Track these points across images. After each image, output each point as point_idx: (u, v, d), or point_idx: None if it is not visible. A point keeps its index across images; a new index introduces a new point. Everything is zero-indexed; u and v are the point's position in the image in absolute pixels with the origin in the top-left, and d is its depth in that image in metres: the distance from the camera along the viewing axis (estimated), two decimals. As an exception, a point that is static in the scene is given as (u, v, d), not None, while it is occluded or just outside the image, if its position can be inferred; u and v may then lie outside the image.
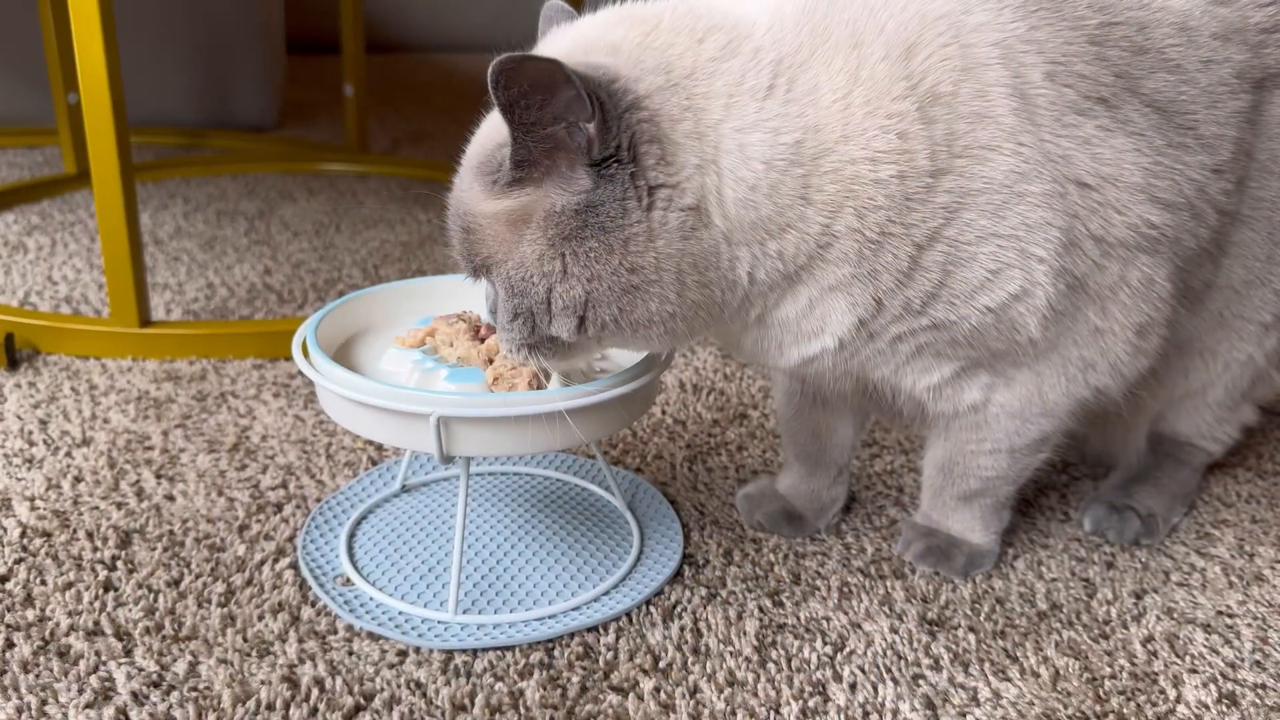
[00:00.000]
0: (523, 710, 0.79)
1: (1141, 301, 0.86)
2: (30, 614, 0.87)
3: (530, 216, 0.75)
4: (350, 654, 0.85)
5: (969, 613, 0.92)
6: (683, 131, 0.75)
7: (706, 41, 0.77)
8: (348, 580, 0.93)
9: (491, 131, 0.79)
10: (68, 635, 0.85)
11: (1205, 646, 0.89)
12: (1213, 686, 0.84)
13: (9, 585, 0.91)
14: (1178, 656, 0.88)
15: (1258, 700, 0.83)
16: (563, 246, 0.75)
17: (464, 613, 0.89)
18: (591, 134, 0.72)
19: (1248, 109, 0.88)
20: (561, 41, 0.80)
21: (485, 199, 0.77)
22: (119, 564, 0.94)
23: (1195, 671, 0.86)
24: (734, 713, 0.80)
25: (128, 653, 0.84)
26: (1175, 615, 0.93)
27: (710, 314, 0.80)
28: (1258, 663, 0.88)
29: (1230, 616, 0.93)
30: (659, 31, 0.77)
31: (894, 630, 0.90)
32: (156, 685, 0.80)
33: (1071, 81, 0.80)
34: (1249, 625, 0.92)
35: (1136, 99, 0.82)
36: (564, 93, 0.70)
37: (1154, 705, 0.82)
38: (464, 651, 0.85)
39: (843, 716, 0.80)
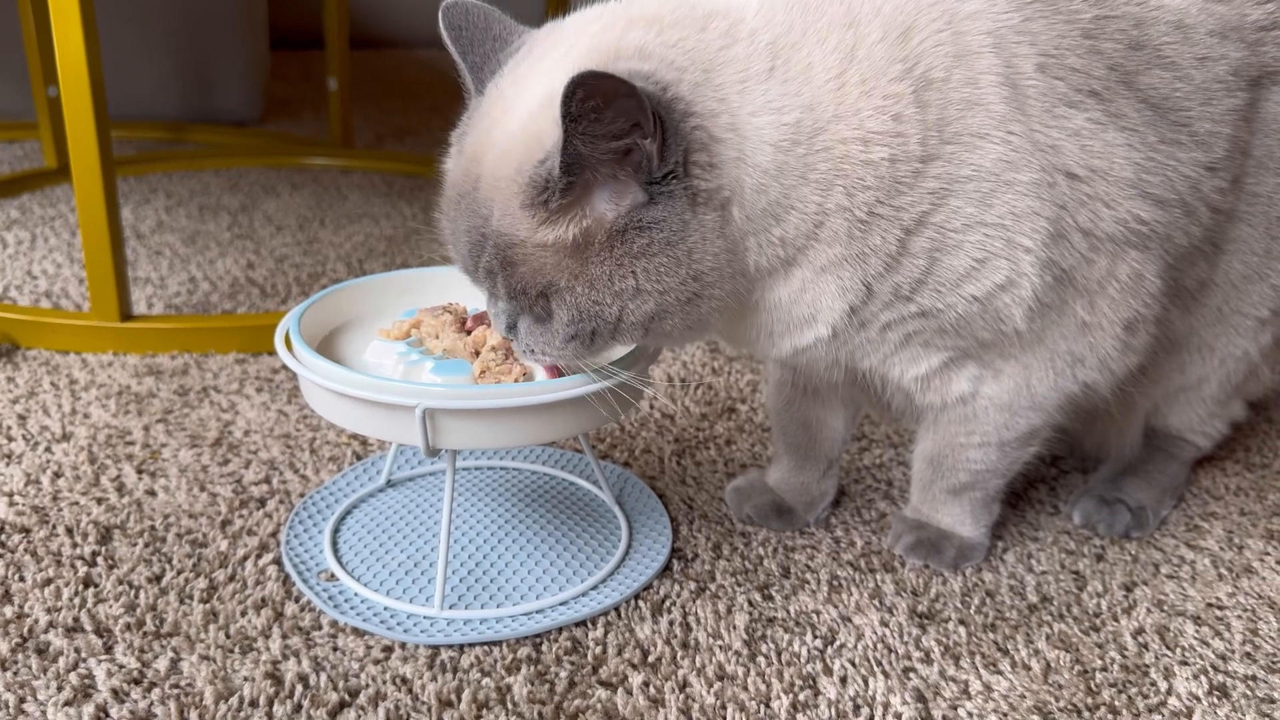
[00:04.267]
0: (510, 706, 0.78)
1: (1130, 297, 0.86)
2: (8, 610, 0.86)
3: (592, 240, 0.73)
4: (335, 650, 0.83)
5: (959, 606, 0.92)
6: (722, 126, 0.74)
7: (709, 30, 0.76)
8: (332, 576, 0.92)
9: (521, 151, 0.74)
10: (46, 632, 0.84)
11: (1196, 638, 0.89)
12: (1204, 678, 0.84)
13: (-14, 582, 0.90)
14: (1168, 649, 0.88)
15: (1248, 692, 0.83)
16: (633, 265, 0.73)
17: (450, 608, 0.88)
18: (650, 151, 0.71)
19: (1244, 106, 0.88)
20: (576, 51, 0.76)
21: (537, 228, 0.74)
22: (99, 560, 0.93)
23: (1186, 664, 0.86)
24: (724, 707, 0.79)
25: (108, 649, 0.82)
26: (1165, 607, 0.93)
27: (736, 300, 0.80)
28: (1248, 654, 0.87)
29: (1220, 608, 0.93)
30: (668, 29, 0.76)
31: (884, 623, 0.89)
32: (137, 682, 0.79)
33: (1063, 74, 0.79)
34: (1239, 617, 0.92)
35: (1130, 94, 0.82)
36: (629, 106, 0.68)
37: (1145, 697, 0.82)
38: (450, 647, 0.84)
39: (834, 710, 0.79)
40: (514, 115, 0.76)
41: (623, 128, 0.69)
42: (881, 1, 0.77)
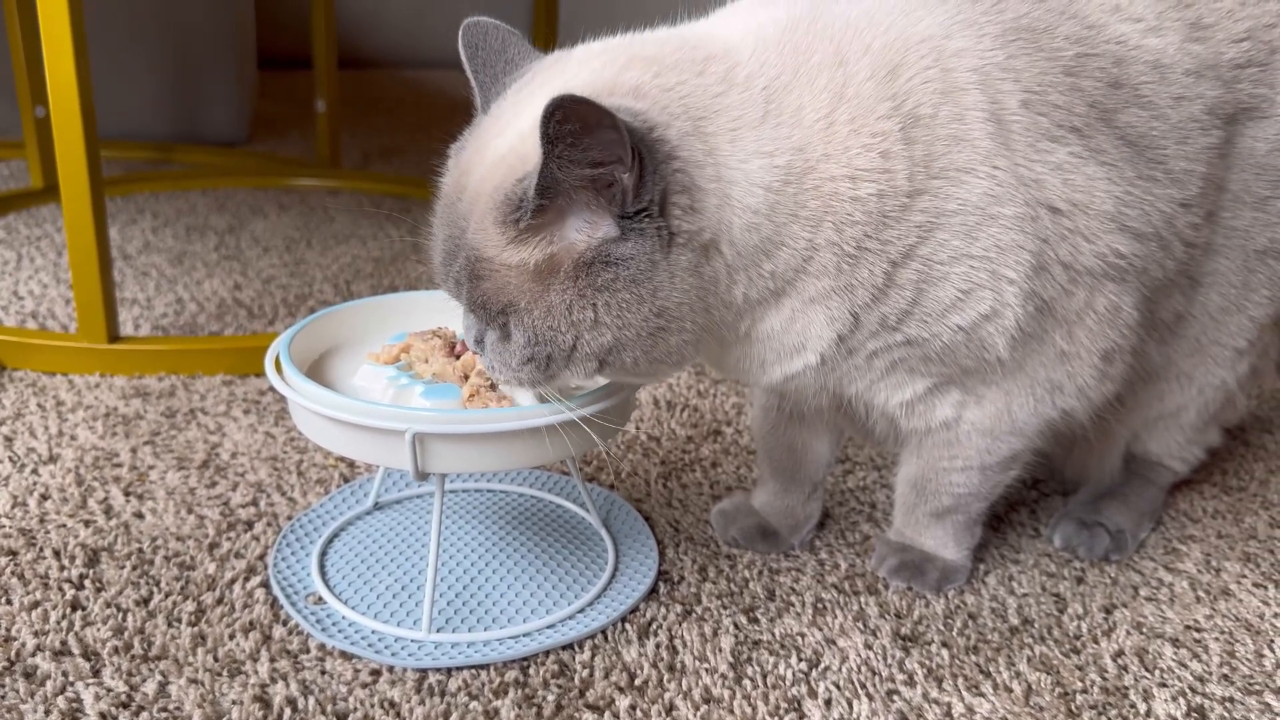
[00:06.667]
0: (498, 729, 0.79)
1: (1107, 328, 0.87)
2: (-5, 634, 0.86)
3: (558, 267, 0.74)
4: (323, 673, 0.84)
5: (942, 628, 0.93)
6: (707, 177, 0.75)
7: (706, 74, 0.77)
8: (320, 599, 0.92)
9: (504, 169, 0.76)
10: (34, 655, 0.84)
11: (1174, 660, 0.90)
12: (1182, 700, 0.85)
13: (-27, 605, 0.89)
14: (1147, 671, 0.89)
15: (1226, 714, 0.84)
16: (595, 297, 0.74)
17: (438, 631, 0.89)
18: (627, 185, 0.72)
19: (1219, 144, 0.90)
20: (574, 83, 0.77)
21: (505, 246, 0.75)
22: (87, 583, 0.93)
23: (1165, 685, 0.87)
24: (710, 730, 0.80)
25: (96, 673, 0.82)
26: (1144, 630, 0.94)
27: (711, 333, 0.81)
28: (1225, 676, 0.89)
29: (1198, 631, 0.95)
30: (666, 71, 0.77)
31: (868, 646, 0.90)
32: (125, 706, 0.79)
33: (1046, 110, 0.81)
34: (1216, 639, 0.93)
35: (1109, 130, 0.84)
36: (610, 137, 0.69)
37: (1125, 719, 0.83)
38: (438, 670, 0.85)
39: (818, 733, 0.80)
40: (505, 135, 0.78)
41: (601, 157, 0.70)
42: (870, 39, 0.79)
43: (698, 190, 0.75)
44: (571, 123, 0.68)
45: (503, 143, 0.78)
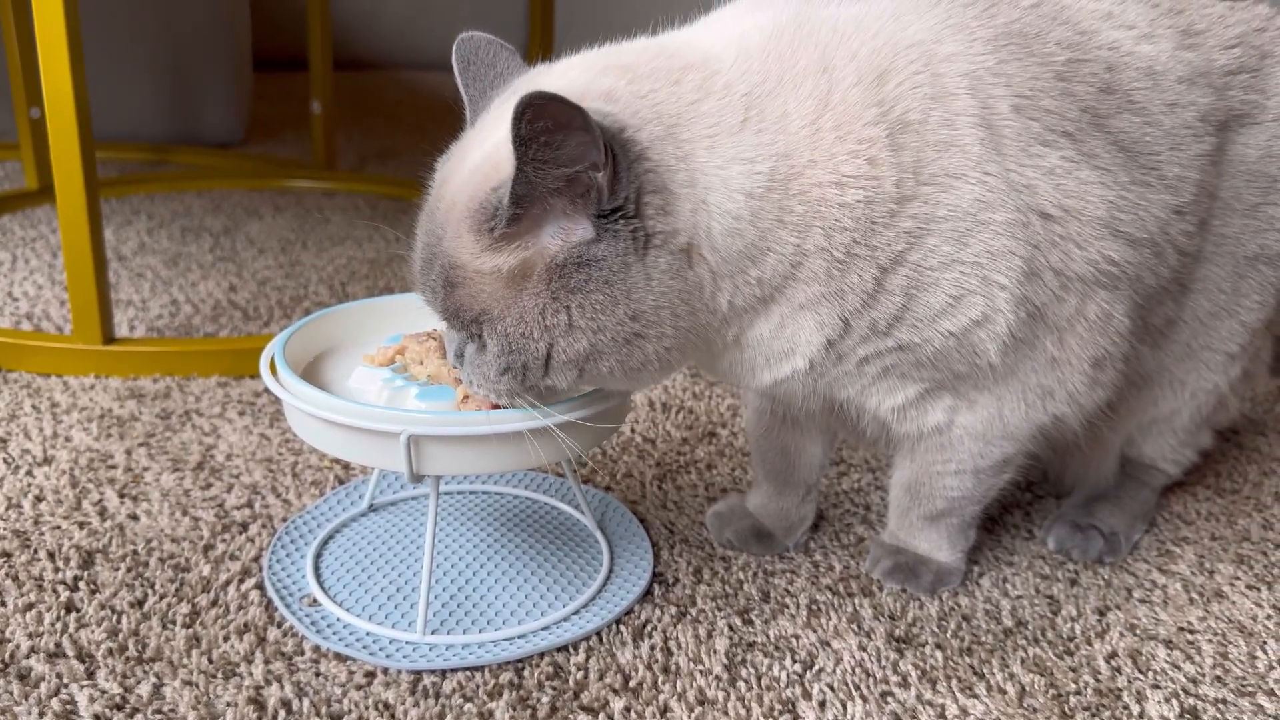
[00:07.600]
0: (492, 731, 0.79)
1: (1098, 335, 0.88)
2: (-11, 636, 0.86)
3: (531, 271, 0.74)
4: (317, 675, 0.84)
5: (936, 630, 0.93)
6: (679, 181, 0.75)
7: (683, 83, 0.77)
8: (314, 601, 0.92)
9: (479, 178, 0.76)
10: (28, 657, 0.84)
11: (1167, 662, 0.91)
12: (1175, 702, 0.86)
13: (-33, 607, 0.89)
14: (1141, 672, 0.89)
15: (1219, 715, 0.84)
16: (568, 300, 0.74)
17: (433, 633, 0.89)
18: (601, 184, 0.72)
19: (1211, 151, 0.90)
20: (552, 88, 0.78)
21: (480, 253, 0.75)
22: (81, 584, 0.93)
23: (1158, 687, 0.87)
24: (704, 732, 0.80)
25: (90, 675, 0.82)
26: (1138, 631, 0.95)
27: (698, 338, 0.81)
28: (1218, 678, 0.89)
29: (1191, 632, 0.95)
30: (640, 79, 0.77)
31: (862, 648, 0.90)
32: (120, 708, 0.79)
33: (1038, 115, 0.81)
34: (1209, 641, 0.94)
35: (1102, 135, 0.84)
36: (582, 138, 0.69)
37: (1118, 721, 0.83)
38: (433, 672, 0.85)
39: (812, 735, 0.80)
40: (483, 146, 0.78)
41: (574, 155, 0.70)
42: (858, 45, 0.79)
43: (669, 193, 0.75)
44: (543, 120, 0.68)
45: (479, 153, 0.78)
